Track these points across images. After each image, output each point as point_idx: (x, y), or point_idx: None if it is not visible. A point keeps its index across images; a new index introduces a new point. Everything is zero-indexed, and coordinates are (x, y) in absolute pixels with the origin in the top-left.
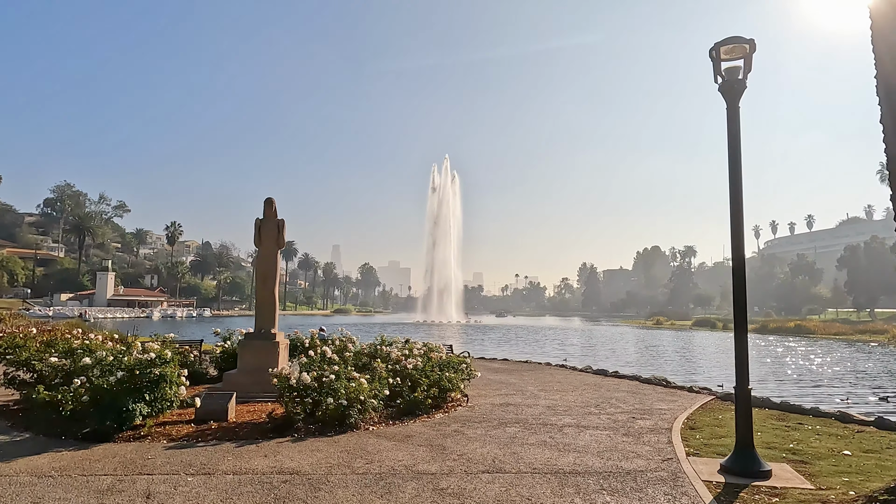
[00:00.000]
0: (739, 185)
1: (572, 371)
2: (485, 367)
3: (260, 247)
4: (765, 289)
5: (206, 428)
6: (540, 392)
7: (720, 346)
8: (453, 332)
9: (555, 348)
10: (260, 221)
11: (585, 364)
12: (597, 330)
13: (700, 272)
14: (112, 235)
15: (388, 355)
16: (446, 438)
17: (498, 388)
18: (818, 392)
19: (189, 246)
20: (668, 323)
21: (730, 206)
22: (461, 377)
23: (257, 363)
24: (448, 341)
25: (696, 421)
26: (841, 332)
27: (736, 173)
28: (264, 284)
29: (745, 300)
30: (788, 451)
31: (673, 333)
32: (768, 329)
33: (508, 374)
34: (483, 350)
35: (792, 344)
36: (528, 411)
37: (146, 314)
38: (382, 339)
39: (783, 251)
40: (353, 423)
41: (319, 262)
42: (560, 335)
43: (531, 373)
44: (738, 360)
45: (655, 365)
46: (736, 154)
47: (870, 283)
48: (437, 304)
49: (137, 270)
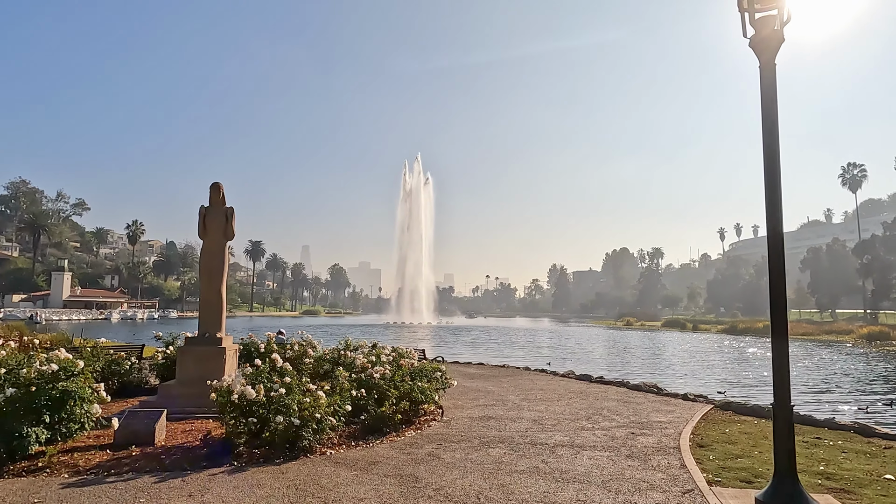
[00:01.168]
0: (776, 161)
1: (553, 377)
2: (460, 372)
3: (205, 238)
4: (731, 290)
5: (124, 455)
6: (523, 402)
7: (696, 348)
8: (425, 334)
9: (530, 351)
10: (205, 209)
11: (567, 369)
12: (568, 331)
13: (667, 273)
14: (70, 234)
15: (352, 362)
16: (419, 465)
17: (476, 397)
18: (817, 399)
19: (153, 246)
20: (638, 324)
21: (765, 190)
22: (435, 387)
23: (200, 373)
24: (420, 343)
25: (704, 436)
26: (808, 333)
27: (772, 146)
28: (209, 282)
29: (784, 302)
30: (821, 475)
31: (644, 334)
32: (738, 330)
33: (486, 380)
34: (457, 353)
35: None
36: (513, 427)
37: (104, 316)
38: (347, 344)
39: (748, 253)
40: (306, 447)
41: (288, 263)
42: (533, 336)
43: (510, 379)
44: (777, 374)
45: (636, 368)
46: (772, 123)
47: (832, 285)
48: (408, 306)
49: (97, 271)
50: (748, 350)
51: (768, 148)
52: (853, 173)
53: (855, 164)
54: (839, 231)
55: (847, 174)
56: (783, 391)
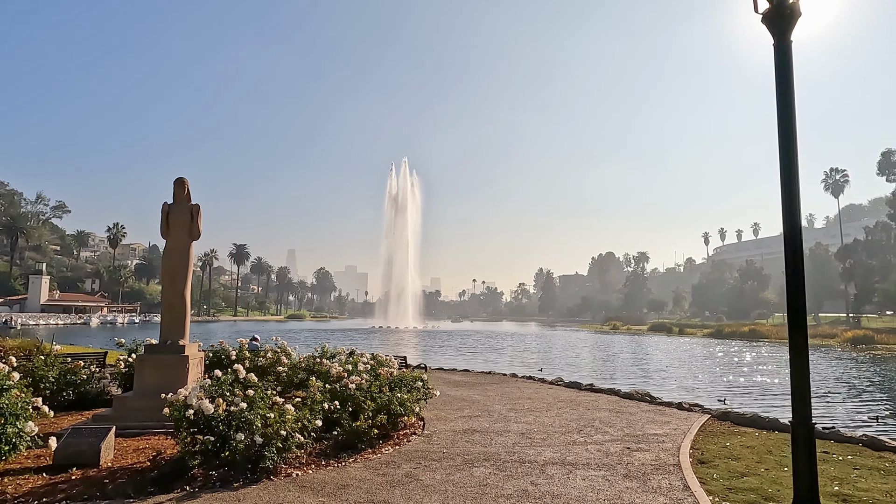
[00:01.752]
0: (793, 150)
1: (542, 384)
2: (444, 380)
3: (168, 238)
4: (716, 294)
5: (62, 480)
6: (510, 413)
7: (684, 353)
8: (410, 339)
9: (517, 356)
10: (168, 206)
11: (555, 375)
12: (555, 335)
13: (653, 277)
14: (50, 237)
15: (327, 371)
16: (394, 489)
17: (460, 407)
18: (815, 407)
19: (135, 249)
20: (625, 328)
21: (781, 180)
22: (416, 397)
23: (160, 383)
24: (404, 348)
25: (704, 451)
26: None
27: (789, 132)
28: (172, 284)
29: (803, 312)
30: (837, 496)
31: (631, 338)
32: (723, 333)
33: (471, 388)
34: (441, 359)
35: (763, 351)
36: (499, 441)
37: (83, 320)
38: (324, 351)
39: (732, 257)
40: (269, 468)
41: (273, 267)
42: (519, 341)
43: (496, 387)
44: (796, 387)
45: (625, 374)
46: (789, 107)
47: (815, 289)
48: (394, 310)
49: (77, 274)
50: (738, 354)
51: (784, 134)
52: (835, 178)
53: (837, 169)
54: (821, 236)
55: (829, 179)
56: (803, 408)
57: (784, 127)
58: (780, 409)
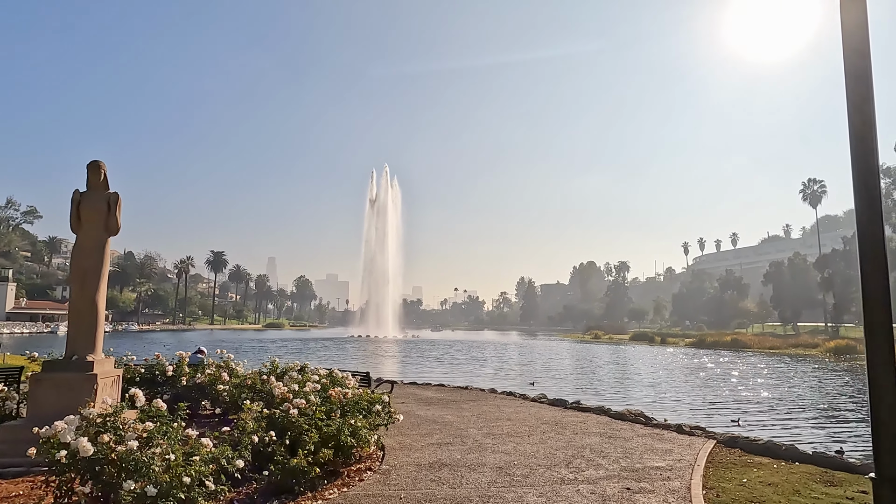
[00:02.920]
0: (871, 117)
1: (523, 401)
2: (415, 397)
3: (79, 232)
4: (696, 303)
5: None
6: (486, 439)
7: (670, 363)
8: (387, 349)
9: (498, 368)
10: (80, 195)
11: (538, 392)
12: (536, 344)
13: (633, 287)
14: (21, 243)
15: (270, 392)
16: None
17: (429, 431)
18: (834, 432)
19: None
20: (606, 337)
21: (852, 162)
22: (376, 423)
23: (60, 408)
24: (380, 358)
25: (720, 492)
26: (775, 346)
27: (863, 87)
28: (82, 287)
29: (889, 322)
30: None
31: (613, 348)
32: (706, 343)
33: (444, 406)
34: (417, 371)
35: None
36: (471, 479)
37: (50, 329)
38: (274, 366)
39: (711, 267)
40: None
41: (252, 275)
42: (501, 351)
43: (473, 404)
44: (880, 426)
45: (611, 387)
46: (862, 60)
47: (794, 298)
48: (374, 319)
49: (47, 281)
50: (728, 365)
51: (858, 84)
52: (813, 189)
53: (815, 180)
54: (798, 246)
55: (807, 189)
56: (891, 462)
57: (859, 76)
58: (792, 431)
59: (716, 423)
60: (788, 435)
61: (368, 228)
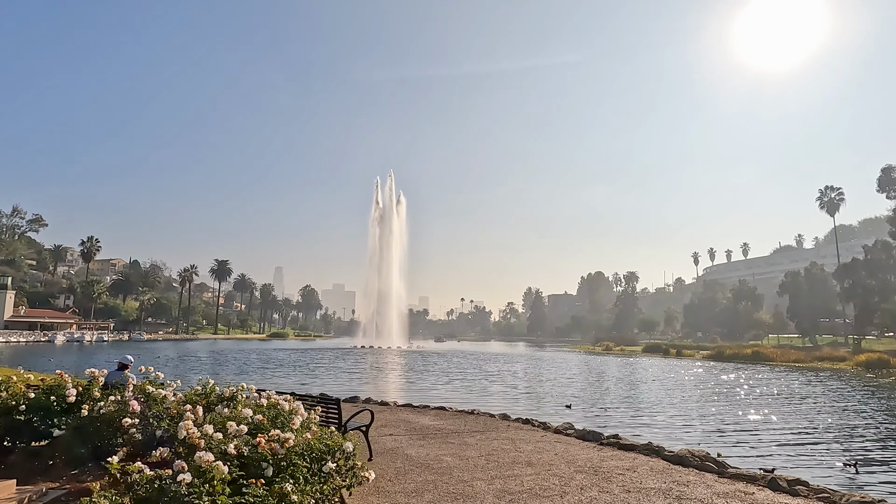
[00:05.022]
0: None
1: (544, 432)
2: (409, 425)
3: None
4: (708, 314)
5: None
6: (500, 501)
7: (695, 378)
8: (390, 360)
9: (509, 385)
10: None
11: (562, 421)
12: (546, 356)
13: (643, 297)
14: (27, 252)
15: (176, 434)
16: None
17: (419, 486)
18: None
19: (115, 264)
20: (618, 349)
21: None
22: (332, 486)
23: None
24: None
25: None
26: (799, 360)
27: None
28: None
29: None
30: None
31: (626, 360)
32: (724, 356)
33: (443, 441)
34: (417, 388)
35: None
36: None
37: (48, 338)
38: (209, 390)
39: (722, 277)
40: None
41: (257, 284)
42: (509, 364)
43: (480, 437)
44: None
45: (645, 411)
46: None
47: (811, 309)
48: (378, 329)
49: (50, 290)
50: (770, 383)
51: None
52: (830, 196)
53: (832, 187)
54: (812, 256)
55: (825, 197)
56: None
57: None
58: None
59: (814, 465)
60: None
61: (373, 237)
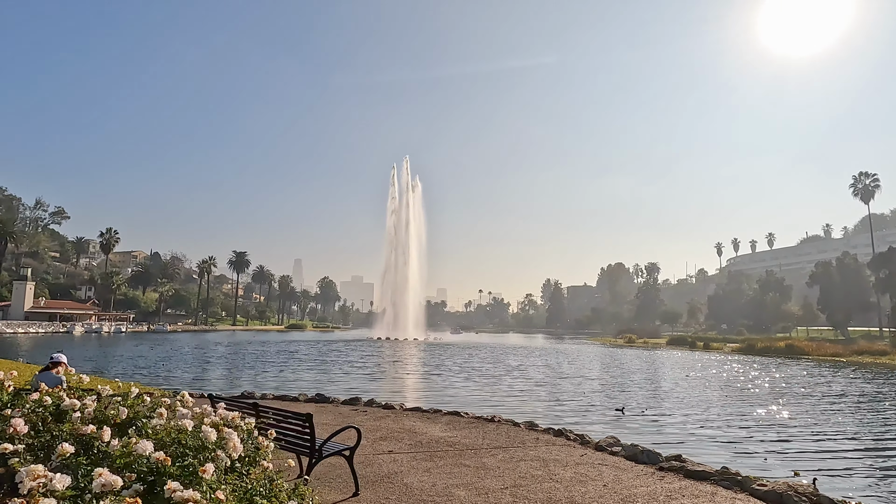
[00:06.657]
0: None
1: (584, 449)
2: (414, 437)
3: None
4: (733, 306)
5: None
6: None
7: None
8: (406, 352)
9: (531, 378)
10: None
11: (604, 434)
12: (567, 349)
13: (664, 289)
14: (50, 244)
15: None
16: None
17: None
18: None
19: (136, 256)
20: (640, 341)
21: None
22: None
23: None
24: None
25: None
26: (837, 354)
27: None
28: None
29: None
30: None
31: (651, 354)
32: (755, 349)
33: (455, 461)
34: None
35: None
36: None
37: (67, 329)
38: (134, 401)
39: (747, 268)
40: None
41: (275, 275)
42: (529, 357)
43: (502, 455)
44: None
45: (697, 416)
46: None
47: (844, 300)
48: (396, 321)
49: (72, 281)
50: (832, 379)
51: None
52: (865, 183)
53: (867, 173)
54: (842, 246)
55: (858, 184)
56: None
57: None
58: None
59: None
60: None
61: (389, 227)
